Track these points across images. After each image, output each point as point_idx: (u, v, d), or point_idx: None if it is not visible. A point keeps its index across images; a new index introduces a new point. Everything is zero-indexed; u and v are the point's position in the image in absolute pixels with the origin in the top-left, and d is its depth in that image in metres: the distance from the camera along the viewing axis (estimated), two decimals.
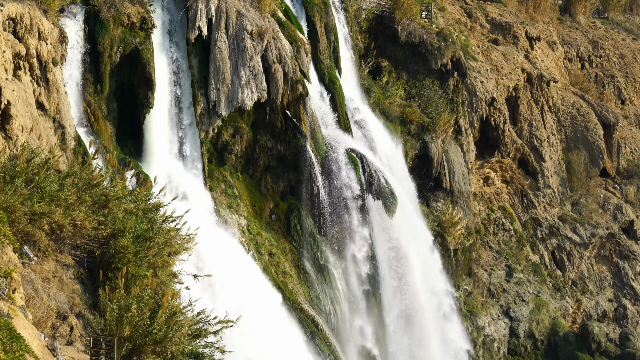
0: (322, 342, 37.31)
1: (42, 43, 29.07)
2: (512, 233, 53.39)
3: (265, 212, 39.82)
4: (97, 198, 20.76)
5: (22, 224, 18.81)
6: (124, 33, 34.15)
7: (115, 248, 20.20)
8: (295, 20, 41.86)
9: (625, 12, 72.99)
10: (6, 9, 27.59)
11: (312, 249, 39.87)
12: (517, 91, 54.38)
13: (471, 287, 49.67)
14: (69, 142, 30.22)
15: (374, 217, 41.59)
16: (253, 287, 34.99)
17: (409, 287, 43.00)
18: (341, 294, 40.22)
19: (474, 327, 48.53)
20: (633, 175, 59.19)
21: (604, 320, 54.12)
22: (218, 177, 38.19)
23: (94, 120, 33.45)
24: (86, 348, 18.32)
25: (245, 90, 37.37)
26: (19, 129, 26.29)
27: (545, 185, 54.88)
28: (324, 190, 39.86)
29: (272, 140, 39.52)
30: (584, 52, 64.19)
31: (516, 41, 57.49)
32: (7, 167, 19.68)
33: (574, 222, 55.21)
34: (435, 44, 48.43)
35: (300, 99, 39.38)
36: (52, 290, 19.18)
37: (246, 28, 37.55)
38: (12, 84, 26.61)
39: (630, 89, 64.50)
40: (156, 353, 18.37)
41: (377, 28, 49.18)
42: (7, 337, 13.67)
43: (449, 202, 47.84)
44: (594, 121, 58.12)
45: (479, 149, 52.54)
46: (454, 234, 47.47)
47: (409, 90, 48.75)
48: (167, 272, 21.31)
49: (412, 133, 47.10)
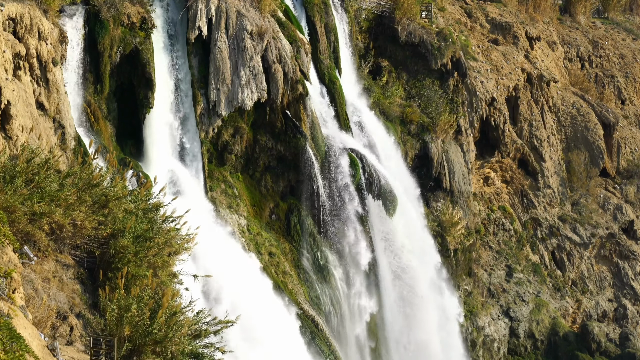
0: (322, 342, 37.30)
1: (42, 43, 29.07)
2: (512, 233, 53.37)
3: (265, 212, 39.82)
4: (97, 198, 20.74)
5: (22, 224, 18.80)
6: (124, 33, 34.14)
7: (115, 248, 20.20)
8: (295, 20, 41.85)
9: (625, 12, 72.97)
10: (6, 9, 27.59)
11: (312, 249, 39.86)
12: (517, 91, 54.36)
13: (471, 287, 49.66)
14: (69, 142, 30.22)
15: (373, 217, 41.59)
16: (253, 287, 34.99)
17: (409, 287, 43.05)
18: (341, 294, 40.21)
19: (474, 327, 48.51)
20: (633, 175, 59.17)
21: (604, 320, 54.11)
22: (218, 177, 38.18)
23: (94, 120, 33.45)
24: (86, 348, 18.32)
25: (245, 90, 37.36)
26: (19, 129, 26.29)
27: (545, 185, 54.87)
28: (324, 190, 39.85)
29: (272, 140, 39.51)
30: (584, 52, 64.19)
31: (516, 41, 57.48)
32: (7, 167, 19.67)
33: (574, 222, 55.20)
34: (435, 44, 48.43)
35: (300, 99, 39.37)
36: (52, 290, 19.18)
37: (246, 28, 37.55)
38: (12, 84, 26.61)
39: (630, 89, 64.49)
40: (156, 353, 18.36)
41: (377, 28, 49.18)
42: (7, 337, 13.67)
43: (449, 202, 47.83)
44: (594, 121, 58.11)
45: (479, 149, 52.52)
46: (454, 234, 47.46)
47: (409, 90, 48.75)
48: (167, 272, 21.30)
49: (412, 133, 47.09)
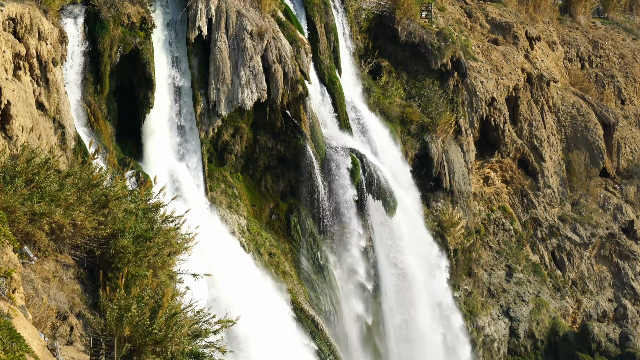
0: (322, 342, 37.30)
1: (42, 43, 29.06)
2: (512, 233, 53.36)
3: (265, 212, 39.82)
4: (97, 198, 20.75)
5: (22, 224, 18.80)
6: (124, 33, 34.14)
7: (115, 248, 20.20)
8: (295, 20, 41.84)
9: (625, 12, 72.95)
10: (6, 9, 27.58)
11: (312, 249, 39.85)
12: (517, 91, 54.35)
13: (471, 287, 49.66)
14: (69, 142, 30.22)
15: (373, 217, 41.59)
16: (253, 286, 34.99)
17: (409, 286, 43.06)
18: (341, 294, 40.21)
19: (474, 327, 48.51)
20: (633, 175, 59.16)
21: (604, 320, 54.11)
22: (218, 177, 38.18)
23: (94, 120, 33.44)
24: (86, 348, 18.32)
25: (245, 90, 37.36)
26: (19, 129, 26.29)
27: (545, 185, 54.86)
28: (324, 190, 39.85)
29: (272, 140, 39.51)
30: (584, 52, 64.18)
31: (516, 41, 57.47)
32: (7, 167, 19.68)
33: (574, 222, 55.20)
34: (435, 44, 48.42)
35: (300, 99, 39.37)
36: (52, 290, 19.18)
37: (246, 28, 37.55)
38: (12, 84, 26.61)
39: (630, 89, 64.48)
40: (156, 353, 18.37)
41: (377, 28, 49.17)
42: (7, 337, 13.67)
43: (449, 202, 47.83)
44: (594, 121, 58.11)
45: (479, 149, 52.51)
46: (454, 234, 47.46)
47: (409, 90, 48.74)
48: (167, 272, 21.30)
49: (412, 133, 47.09)
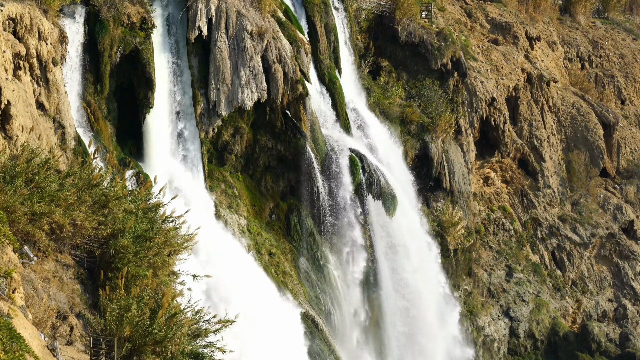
0: (322, 342, 37.30)
1: (42, 43, 29.07)
2: (512, 233, 53.35)
3: (265, 212, 39.82)
4: (97, 198, 20.74)
5: (22, 224, 18.79)
6: (124, 33, 34.14)
7: (115, 248, 20.19)
8: (295, 20, 41.84)
9: (625, 12, 72.92)
10: (6, 9, 27.59)
11: (312, 249, 39.85)
12: (517, 91, 54.34)
13: (471, 287, 49.65)
14: (69, 142, 30.22)
15: (373, 217, 41.57)
16: (253, 286, 34.99)
17: (409, 285, 43.03)
18: (341, 294, 40.21)
19: (474, 327, 48.51)
20: (633, 175, 59.14)
21: (604, 320, 54.09)
22: (218, 177, 38.18)
23: (94, 120, 33.45)
24: (86, 348, 18.32)
25: (245, 90, 37.36)
26: (19, 129, 26.30)
27: (545, 185, 54.85)
28: (324, 190, 39.85)
29: (272, 140, 39.51)
30: (584, 52, 64.17)
31: (516, 41, 57.46)
32: (7, 167, 19.67)
33: (574, 222, 55.19)
34: (435, 44, 48.41)
35: (300, 99, 39.37)
36: (52, 290, 19.18)
37: (246, 28, 37.55)
38: (12, 84, 26.61)
39: (630, 89, 64.48)
40: (156, 353, 18.36)
41: (377, 28, 49.15)
42: (7, 337, 13.67)
43: (449, 202, 47.82)
44: (594, 121, 58.10)
45: (479, 149, 52.50)
46: (454, 234, 47.45)
47: (409, 90, 48.73)
48: (167, 272, 21.30)
49: (412, 133, 47.08)
